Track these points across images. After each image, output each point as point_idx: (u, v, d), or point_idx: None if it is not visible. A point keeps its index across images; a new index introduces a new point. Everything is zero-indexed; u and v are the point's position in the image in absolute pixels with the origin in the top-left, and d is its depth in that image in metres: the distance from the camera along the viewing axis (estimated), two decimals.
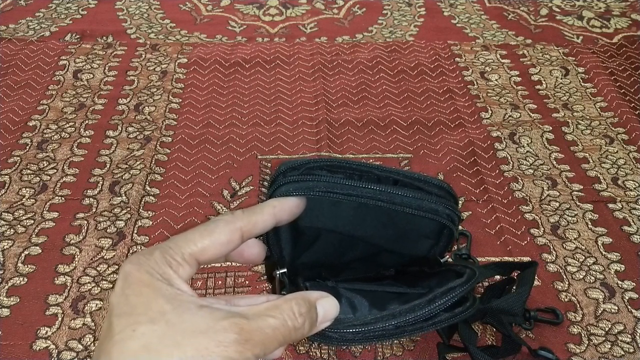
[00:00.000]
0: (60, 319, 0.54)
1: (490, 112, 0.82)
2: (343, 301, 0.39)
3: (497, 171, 0.72)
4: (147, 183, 0.69)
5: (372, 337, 0.34)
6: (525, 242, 0.63)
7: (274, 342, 0.25)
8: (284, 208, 0.32)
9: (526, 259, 0.60)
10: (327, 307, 0.29)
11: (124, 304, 0.24)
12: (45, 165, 0.72)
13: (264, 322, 0.25)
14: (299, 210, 0.33)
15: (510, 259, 0.60)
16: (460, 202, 0.68)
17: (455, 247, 0.57)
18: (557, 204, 0.67)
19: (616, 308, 0.56)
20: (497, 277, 0.54)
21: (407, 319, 0.34)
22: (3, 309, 0.55)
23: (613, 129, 0.79)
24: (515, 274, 0.52)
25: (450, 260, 0.43)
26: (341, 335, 0.32)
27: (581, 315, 0.55)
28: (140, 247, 0.61)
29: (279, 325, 0.25)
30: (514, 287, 0.51)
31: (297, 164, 0.34)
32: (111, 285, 0.58)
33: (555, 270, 0.60)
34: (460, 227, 0.41)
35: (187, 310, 0.24)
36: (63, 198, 0.67)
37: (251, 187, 0.69)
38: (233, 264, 0.59)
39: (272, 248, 0.36)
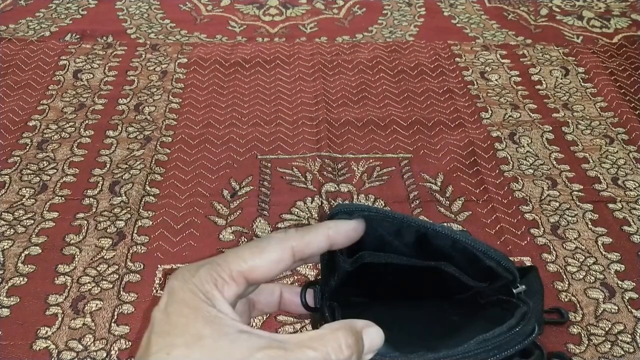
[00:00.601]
0: (60, 319, 0.54)
1: (490, 112, 0.82)
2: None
3: (497, 171, 0.72)
4: (147, 183, 0.69)
5: None
6: (525, 242, 0.63)
7: None
8: (339, 230, 0.30)
9: (526, 259, 0.60)
10: (372, 336, 0.27)
11: (164, 322, 0.24)
12: (45, 165, 0.72)
13: (303, 356, 0.23)
14: (356, 234, 0.31)
15: (511, 259, 0.60)
16: (460, 202, 0.68)
17: None
18: (557, 204, 0.67)
19: (616, 308, 0.56)
20: None
21: None
22: (3, 309, 0.55)
23: (613, 129, 0.79)
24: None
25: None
26: None
27: (581, 315, 0.55)
28: (140, 247, 0.61)
29: (319, 359, 0.24)
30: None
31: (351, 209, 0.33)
32: (111, 285, 0.58)
33: (555, 270, 0.60)
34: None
35: (224, 336, 0.23)
36: (63, 198, 0.67)
37: (251, 187, 0.69)
38: None
39: (322, 273, 0.34)
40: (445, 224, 0.37)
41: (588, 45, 0.98)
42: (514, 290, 0.33)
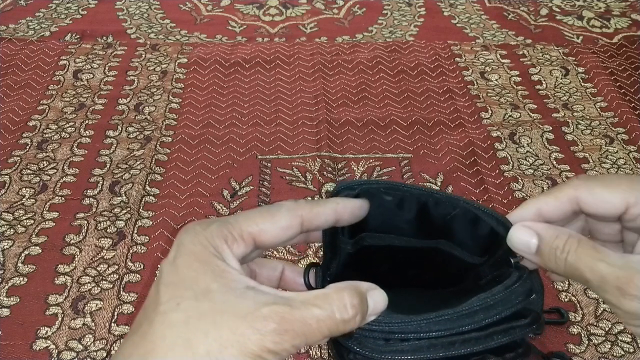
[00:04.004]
0: (60, 319, 0.54)
1: (490, 112, 0.82)
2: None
3: (497, 171, 0.72)
4: (147, 183, 0.69)
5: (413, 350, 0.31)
6: None
7: (317, 334, 0.24)
8: (346, 206, 0.31)
9: None
10: (376, 299, 0.27)
11: (173, 274, 0.24)
12: (45, 165, 0.72)
13: (308, 313, 0.23)
14: (361, 212, 0.32)
15: None
16: None
17: None
18: None
19: None
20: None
21: (457, 352, 0.31)
22: (3, 309, 0.55)
23: (613, 129, 0.79)
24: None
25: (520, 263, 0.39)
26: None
27: (581, 315, 0.55)
28: (140, 247, 0.61)
29: (324, 317, 0.24)
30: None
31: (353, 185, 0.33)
32: (111, 285, 0.58)
33: None
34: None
35: (232, 291, 0.24)
36: (63, 198, 0.67)
37: (251, 187, 0.69)
38: None
39: (324, 255, 0.35)
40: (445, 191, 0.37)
41: (588, 45, 0.98)
42: (512, 260, 0.33)
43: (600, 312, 0.55)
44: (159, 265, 0.26)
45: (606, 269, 0.26)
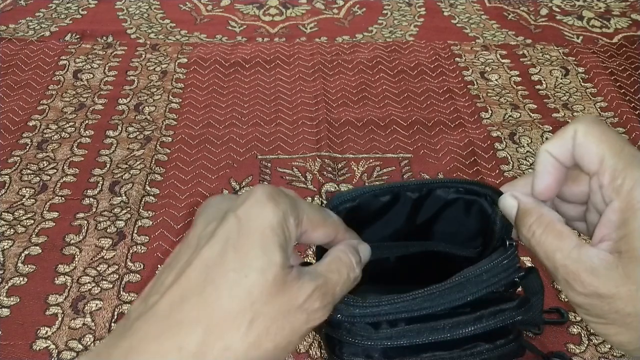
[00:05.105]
0: (60, 319, 0.54)
1: (490, 112, 0.82)
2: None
3: (497, 171, 0.72)
4: (147, 183, 0.69)
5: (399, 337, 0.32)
6: None
7: (340, 294, 0.28)
8: (365, 254, 0.33)
9: (526, 259, 0.60)
10: (364, 251, 0.31)
11: (245, 237, 0.24)
12: (45, 165, 0.72)
13: (332, 281, 0.27)
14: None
15: None
16: None
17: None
18: None
19: None
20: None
21: (445, 335, 0.31)
22: (3, 309, 0.55)
23: (613, 129, 0.79)
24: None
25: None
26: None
27: None
28: (140, 247, 0.61)
29: (344, 281, 0.28)
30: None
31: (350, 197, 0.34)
32: (111, 285, 0.58)
33: None
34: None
35: (291, 270, 0.25)
36: (63, 198, 0.67)
37: (251, 187, 0.69)
38: None
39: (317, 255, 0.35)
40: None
41: (588, 45, 0.98)
42: (507, 242, 0.33)
43: None
44: (231, 217, 0.26)
45: (560, 260, 0.26)
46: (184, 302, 0.23)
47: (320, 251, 0.33)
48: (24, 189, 0.68)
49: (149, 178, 0.70)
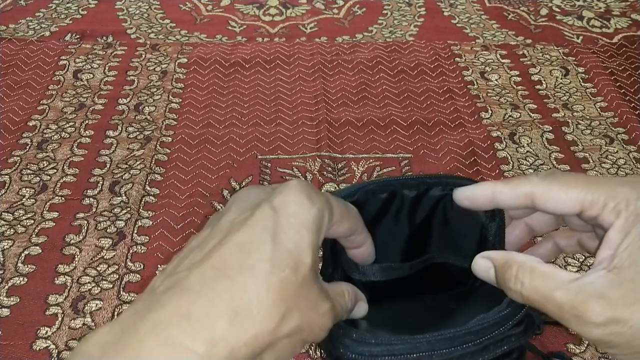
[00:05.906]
0: (60, 319, 0.54)
1: (490, 112, 0.82)
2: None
3: (497, 171, 0.72)
4: (147, 183, 0.69)
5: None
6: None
7: (336, 320, 0.27)
8: (368, 257, 0.34)
9: None
10: (360, 309, 0.31)
11: (281, 231, 0.24)
12: (45, 165, 0.72)
13: (340, 306, 0.27)
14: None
15: None
16: None
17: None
18: None
19: None
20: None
21: None
22: (3, 309, 0.55)
23: (613, 129, 0.79)
24: None
25: None
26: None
27: None
28: (140, 247, 0.61)
29: (343, 310, 0.28)
30: None
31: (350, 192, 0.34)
32: (111, 285, 0.58)
33: None
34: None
35: (315, 275, 0.25)
36: (63, 198, 0.67)
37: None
38: None
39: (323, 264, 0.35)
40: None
41: (588, 45, 0.98)
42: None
43: None
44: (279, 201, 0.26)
45: (562, 297, 0.25)
46: (216, 281, 0.22)
47: (332, 251, 0.33)
48: (24, 189, 0.68)
49: (149, 178, 0.70)
